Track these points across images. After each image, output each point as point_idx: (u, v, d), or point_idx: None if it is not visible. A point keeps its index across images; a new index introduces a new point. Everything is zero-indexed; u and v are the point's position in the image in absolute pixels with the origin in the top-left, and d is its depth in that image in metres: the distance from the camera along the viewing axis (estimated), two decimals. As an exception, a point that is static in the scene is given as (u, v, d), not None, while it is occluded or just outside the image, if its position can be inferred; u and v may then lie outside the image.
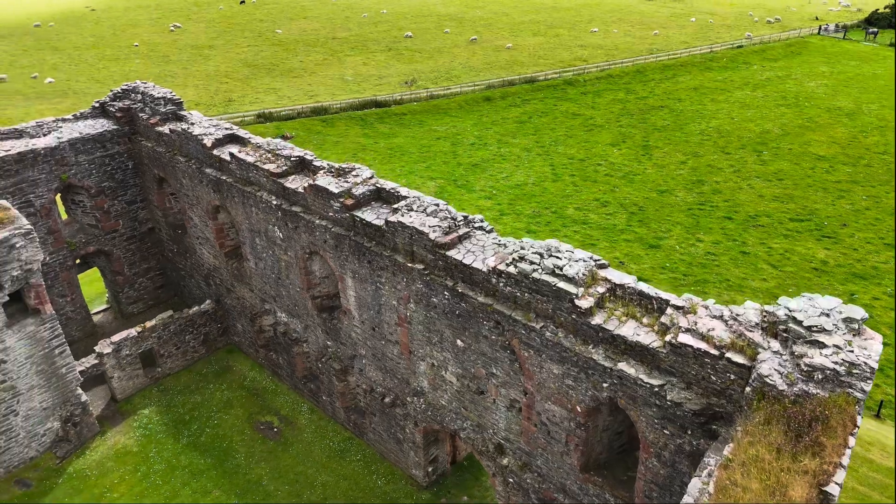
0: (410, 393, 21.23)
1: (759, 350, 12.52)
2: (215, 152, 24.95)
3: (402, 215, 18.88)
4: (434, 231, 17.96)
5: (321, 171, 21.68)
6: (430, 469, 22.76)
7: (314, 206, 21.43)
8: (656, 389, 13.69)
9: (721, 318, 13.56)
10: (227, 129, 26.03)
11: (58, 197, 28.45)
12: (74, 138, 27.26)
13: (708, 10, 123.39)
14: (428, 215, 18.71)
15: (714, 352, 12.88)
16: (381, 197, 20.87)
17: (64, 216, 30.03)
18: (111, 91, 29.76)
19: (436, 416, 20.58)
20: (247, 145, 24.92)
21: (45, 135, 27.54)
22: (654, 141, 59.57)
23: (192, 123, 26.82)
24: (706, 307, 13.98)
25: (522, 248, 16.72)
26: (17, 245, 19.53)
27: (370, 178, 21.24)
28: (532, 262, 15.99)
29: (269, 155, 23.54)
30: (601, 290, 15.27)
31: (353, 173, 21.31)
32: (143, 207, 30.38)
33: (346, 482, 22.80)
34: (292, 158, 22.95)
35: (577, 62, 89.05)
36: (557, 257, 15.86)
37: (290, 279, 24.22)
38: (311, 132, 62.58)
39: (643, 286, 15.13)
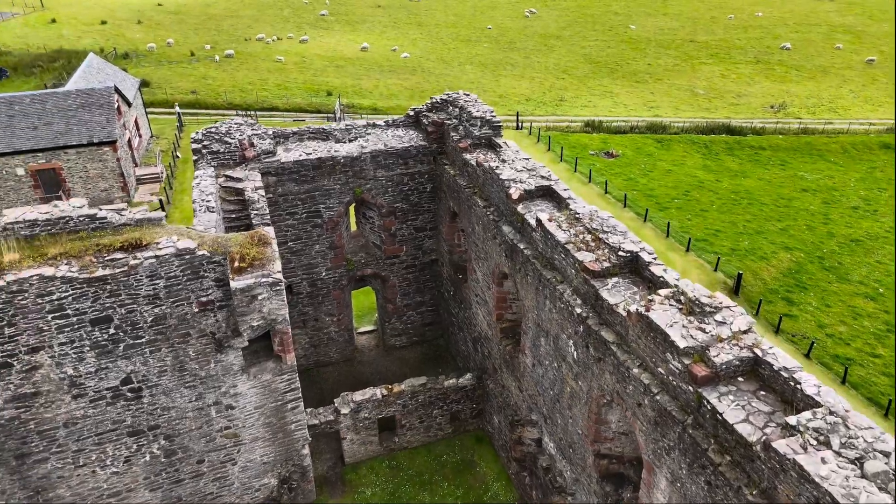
0: None
1: None
2: (520, 208, 18.66)
3: (805, 445, 10.02)
4: (874, 522, 8.82)
5: (662, 293, 13.65)
6: None
7: (638, 345, 13.65)
8: None
9: None
10: (543, 177, 19.50)
11: (351, 207, 25.60)
12: (377, 150, 23.71)
13: None
14: (858, 465, 9.53)
15: None
16: (759, 375, 12.09)
17: (353, 227, 27.38)
18: (430, 99, 25.68)
19: None
20: (562, 210, 18.05)
21: (350, 141, 24.54)
22: None
23: (503, 161, 20.93)
24: None
25: None
26: (260, 296, 15.91)
27: (745, 331, 12.53)
28: None
29: (589, 237, 16.29)
30: None
31: (717, 316, 12.84)
32: (430, 237, 26.07)
33: None
34: (620, 253, 15.34)
35: None
36: None
37: (571, 412, 17.01)
38: (640, 153, 53.83)
39: None
